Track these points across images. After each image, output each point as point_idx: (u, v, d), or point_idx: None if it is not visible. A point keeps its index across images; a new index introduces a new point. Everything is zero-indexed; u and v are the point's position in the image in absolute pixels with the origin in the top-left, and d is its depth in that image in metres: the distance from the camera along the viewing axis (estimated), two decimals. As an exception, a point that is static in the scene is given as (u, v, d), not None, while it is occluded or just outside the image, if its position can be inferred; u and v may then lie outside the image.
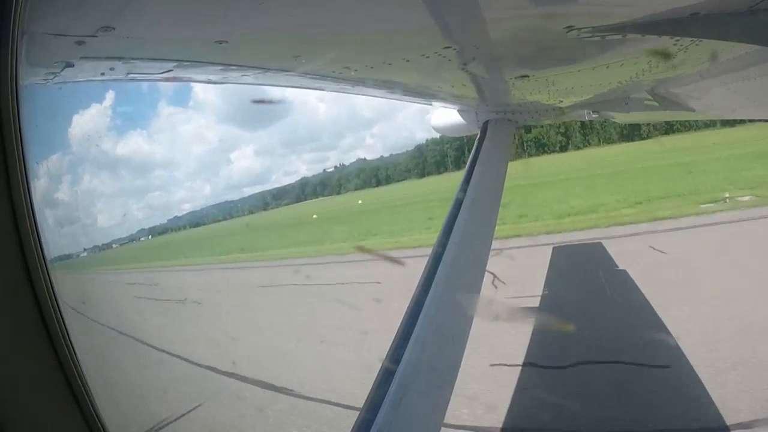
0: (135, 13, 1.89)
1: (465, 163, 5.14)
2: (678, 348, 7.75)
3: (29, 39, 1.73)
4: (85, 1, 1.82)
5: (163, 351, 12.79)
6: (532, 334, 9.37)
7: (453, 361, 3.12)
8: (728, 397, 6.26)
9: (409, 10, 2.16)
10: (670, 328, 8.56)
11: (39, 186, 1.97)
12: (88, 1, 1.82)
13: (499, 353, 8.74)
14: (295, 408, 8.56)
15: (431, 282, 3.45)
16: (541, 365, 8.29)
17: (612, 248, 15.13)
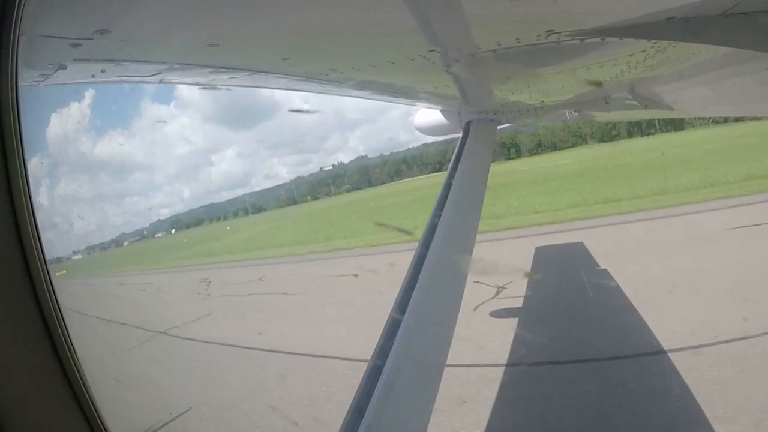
0: (131, 16, 1.91)
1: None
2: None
3: (27, 40, 1.74)
4: (82, 4, 1.83)
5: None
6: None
7: (440, 355, 3.17)
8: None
9: (396, 13, 2.20)
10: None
11: (38, 187, 1.98)
12: (86, 4, 1.83)
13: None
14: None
15: (416, 280, 3.49)
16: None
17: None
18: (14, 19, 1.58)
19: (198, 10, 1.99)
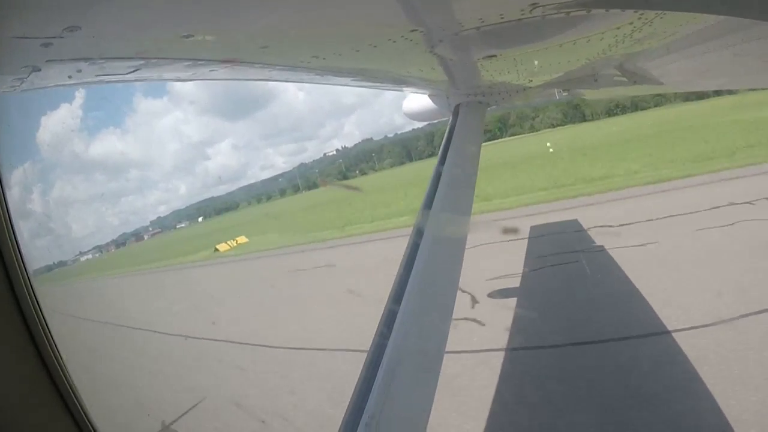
0: (99, 11, 1.85)
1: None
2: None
3: None
4: (49, 1, 1.77)
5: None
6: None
7: (438, 342, 3.15)
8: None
9: None
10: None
11: (15, 195, 1.94)
12: (53, 1, 1.77)
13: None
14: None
15: (411, 267, 3.46)
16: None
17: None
18: None
19: (167, 1, 1.93)
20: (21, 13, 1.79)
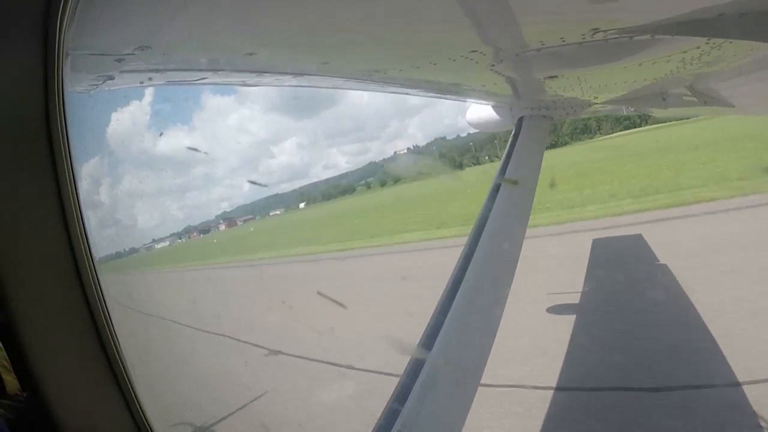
0: (169, 33, 2.00)
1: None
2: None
3: (73, 58, 1.84)
4: (121, 25, 1.93)
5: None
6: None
7: (479, 359, 3.16)
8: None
9: (432, 14, 2.21)
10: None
11: (85, 188, 2.08)
12: (125, 25, 1.93)
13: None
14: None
15: (461, 280, 3.48)
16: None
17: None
18: (57, 40, 1.67)
19: (233, 23, 2.04)
20: (95, 35, 1.95)
